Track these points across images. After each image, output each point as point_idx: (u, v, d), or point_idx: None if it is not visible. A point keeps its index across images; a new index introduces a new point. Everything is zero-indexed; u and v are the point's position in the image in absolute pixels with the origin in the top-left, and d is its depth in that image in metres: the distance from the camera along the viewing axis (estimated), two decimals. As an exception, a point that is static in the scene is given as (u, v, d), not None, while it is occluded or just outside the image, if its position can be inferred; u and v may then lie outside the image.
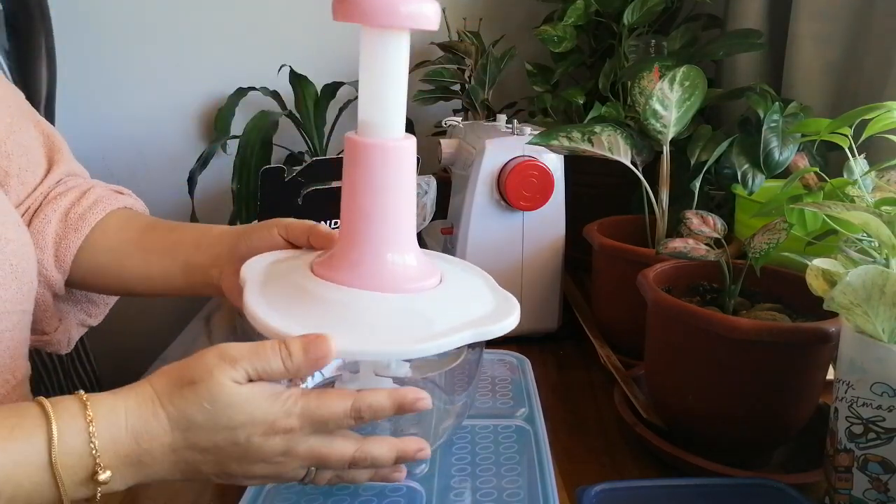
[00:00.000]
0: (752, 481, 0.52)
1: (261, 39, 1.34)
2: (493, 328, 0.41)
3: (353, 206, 0.43)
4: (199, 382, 0.39)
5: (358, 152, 0.42)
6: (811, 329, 0.53)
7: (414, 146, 0.44)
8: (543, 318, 0.84)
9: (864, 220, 0.44)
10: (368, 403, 0.40)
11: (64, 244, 0.59)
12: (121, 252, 0.61)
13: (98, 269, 0.61)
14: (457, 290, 0.46)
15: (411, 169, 0.43)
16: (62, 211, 0.60)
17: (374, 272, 0.42)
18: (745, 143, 0.75)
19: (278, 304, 0.42)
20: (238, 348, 0.40)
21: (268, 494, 0.46)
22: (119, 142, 1.37)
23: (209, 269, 0.58)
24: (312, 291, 0.42)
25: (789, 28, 0.93)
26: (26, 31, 1.10)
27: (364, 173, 0.42)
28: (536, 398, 0.56)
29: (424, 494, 0.45)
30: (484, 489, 0.45)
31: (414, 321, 0.41)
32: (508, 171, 0.77)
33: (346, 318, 0.41)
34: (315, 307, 0.42)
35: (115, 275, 0.61)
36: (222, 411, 0.39)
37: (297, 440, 0.40)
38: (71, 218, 0.60)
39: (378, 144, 0.41)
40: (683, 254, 0.61)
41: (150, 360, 0.82)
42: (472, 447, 0.50)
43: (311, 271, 0.45)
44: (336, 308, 0.41)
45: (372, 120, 0.42)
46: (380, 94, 0.41)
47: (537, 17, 1.22)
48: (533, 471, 0.47)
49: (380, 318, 0.41)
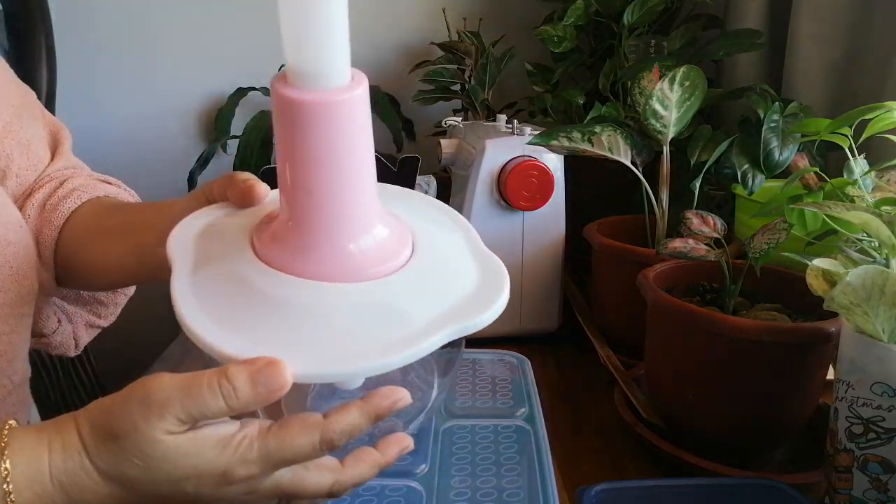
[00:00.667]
0: (752, 481, 0.52)
1: (261, 39, 1.33)
2: (479, 318, 0.34)
3: (292, 180, 0.33)
4: (124, 437, 0.33)
5: (292, 112, 0.31)
6: (811, 329, 0.53)
7: (366, 93, 0.33)
8: (543, 318, 0.84)
9: (864, 220, 0.44)
10: (339, 430, 0.34)
11: (41, 239, 0.56)
12: (84, 240, 0.56)
13: (73, 261, 0.56)
14: (433, 264, 0.37)
15: (365, 125, 0.33)
16: (38, 204, 0.57)
17: (330, 258, 0.34)
18: (745, 143, 0.75)
19: (217, 304, 0.34)
20: (166, 390, 0.33)
21: None
22: (119, 142, 1.37)
23: (160, 249, 0.46)
24: (258, 287, 0.34)
25: (789, 28, 0.93)
26: (26, 31, 1.10)
27: (302, 140, 0.32)
28: (536, 398, 0.56)
29: (424, 494, 0.45)
30: (484, 489, 0.45)
31: (385, 319, 0.34)
32: (508, 171, 0.77)
33: (302, 324, 0.33)
34: (263, 309, 0.34)
35: (84, 264, 0.56)
36: (158, 466, 0.33)
37: (261, 482, 0.35)
38: (46, 210, 0.56)
39: (317, 101, 0.31)
40: (683, 254, 0.61)
41: (151, 359, 0.82)
42: (472, 447, 0.50)
43: (252, 250, 0.36)
44: (290, 311, 0.34)
45: (305, 68, 0.31)
46: (313, 28, 0.30)
47: (537, 17, 1.22)
48: (533, 471, 0.47)
49: (344, 321, 0.33)
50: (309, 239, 0.34)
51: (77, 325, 0.63)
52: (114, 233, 0.54)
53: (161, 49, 1.34)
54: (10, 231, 0.50)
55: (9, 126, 0.56)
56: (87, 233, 0.56)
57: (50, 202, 0.57)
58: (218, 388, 0.33)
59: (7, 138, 0.56)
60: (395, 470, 0.47)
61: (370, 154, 0.34)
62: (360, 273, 0.35)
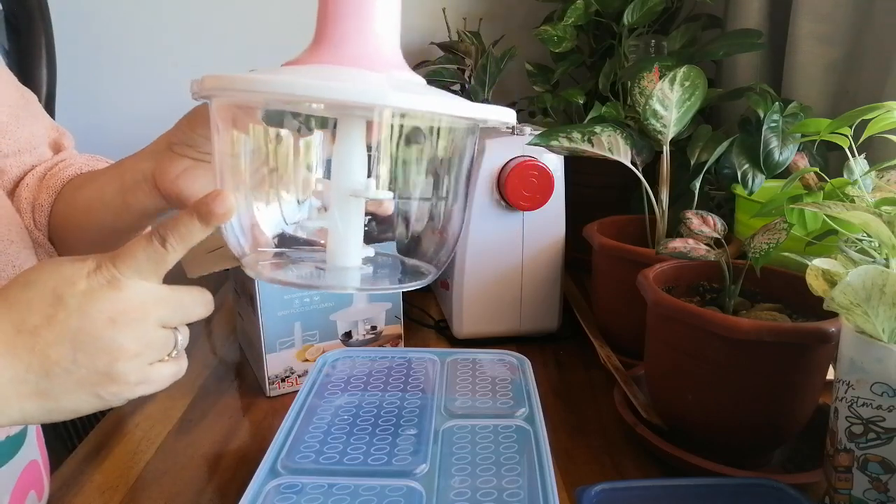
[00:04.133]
0: (752, 481, 0.52)
1: (260, 39, 1.34)
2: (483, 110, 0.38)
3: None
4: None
5: None
6: (811, 329, 0.53)
7: None
8: (543, 318, 0.84)
9: (864, 220, 0.44)
10: (164, 224, 0.39)
11: (38, 204, 0.59)
12: (76, 193, 0.59)
13: (67, 221, 0.60)
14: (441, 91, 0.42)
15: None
16: (38, 175, 0.61)
17: (356, 50, 0.39)
18: (745, 143, 0.75)
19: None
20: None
21: (267, 495, 0.46)
22: (119, 142, 1.36)
23: (140, 164, 0.54)
24: (295, 71, 0.39)
25: (789, 28, 0.93)
26: (26, 31, 1.10)
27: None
28: (537, 398, 0.56)
29: (424, 494, 0.45)
30: (484, 489, 0.45)
31: (411, 86, 0.38)
32: (508, 171, 0.77)
33: (331, 75, 0.37)
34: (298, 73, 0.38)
35: (70, 218, 0.59)
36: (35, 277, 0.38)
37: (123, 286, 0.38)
38: (46, 180, 0.60)
39: None
40: (683, 254, 0.61)
41: (150, 360, 0.82)
42: (472, 447, 0.50)
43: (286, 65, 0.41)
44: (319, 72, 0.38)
45: None
46: None
47: (537, 17, 1.22)
48: (533, 471, 0.47)
49: (366, 77, 0.38)
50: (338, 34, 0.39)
51: None
52: (102, 175, 0.57)
53: (161, 49, 1.34)
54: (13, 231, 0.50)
55: (6, 126, 0.57)
56: (81, 184, 0.58)
57: (50, 173, 0.60)
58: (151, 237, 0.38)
59: (4, 139, 0.56)
60: (396, 470, 0.47)
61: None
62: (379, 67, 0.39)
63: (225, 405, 0.71)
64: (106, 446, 0.63)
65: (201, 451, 0.62)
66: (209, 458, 0.61)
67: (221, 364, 0.81)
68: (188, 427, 0.66)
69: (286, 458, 0.49)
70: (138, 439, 0.64)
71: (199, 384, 0.75)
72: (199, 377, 0.77)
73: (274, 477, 0.47)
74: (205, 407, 0.70)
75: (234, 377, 0.77)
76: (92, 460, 0.61)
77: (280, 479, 0.47)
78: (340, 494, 0.45)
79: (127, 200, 0.54)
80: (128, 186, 0.53)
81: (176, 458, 0.61)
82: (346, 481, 0.46)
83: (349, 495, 0.45)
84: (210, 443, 0.64)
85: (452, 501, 0.44)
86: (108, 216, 0.56)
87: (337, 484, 0.46)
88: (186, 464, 0.61)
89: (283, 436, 0.51)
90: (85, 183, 0.58)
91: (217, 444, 0.64)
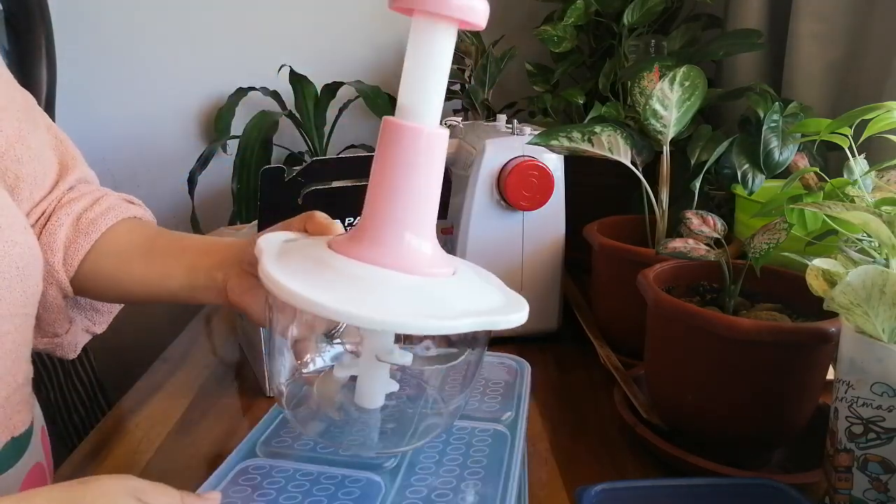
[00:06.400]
0: (752, 481, 0.52)
1: (261, 39, 1.34)
2: (508, 317, 0.43)
3: (382, 185, 0.44)
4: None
5: (396, 133, 0.44)
6: (811, 329, 0.53)
7: (447, 136, 0.46)
8: (543, 318, 0.84)
9: (864, 220, 0.44)
10: None
11: (73, 248, 0.60)
12: (125, 256, 0.61)
13: (101, 273, 0.61)
14: (470, 283, 0.47)
15: (442, 158, 0.45)
16: (74, 216, 0.61)
17: (394, 252, 0.43)
18: (745, 143, 0.75)
19: (296, 273, 0.42)
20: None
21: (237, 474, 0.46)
22: (119, 142, 1.37)
23: (214, 272, 0.58)
24: (331, 264, 0.43)
25: (789, 28, 0.93)
26: (26, 31, 1.10)
27: (399, 154, 0.44)
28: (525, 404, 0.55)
29: (384, 488, 0.45)
30: (441, 490, 0.45)
31: (429, 302, 0.42)
32: (508, 171, 0.77)
33: (362, 288, 0.42)
34: (333, 277, 0.42)
35: (115, 278, 0.61)
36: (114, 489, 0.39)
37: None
38: (82, 222, 0.61)
39: (416, 128, 0.44)
40: (683, 254, 0.61)
41: (150, 359, 0.82)
42: (443, 447, 0.50)
43: (327, 247, 0.45)
44: (353, 280, 0.42)
45: (412, 105, 0.44)
46: (423, 81, 0.44)
47: (537, 17, 1.23)
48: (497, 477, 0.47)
49: (395, 294, 0.42)
50: (382, 233, 0.43)
51: (76, 329, 0.64)
52: (162, 253, 0.61)
53: (161, 49, 1.34)
54: (17, 232, 0.50)
55: (20, 131, 0.57)
56: (132, 248, 0.61)
57: (86, 216, 0.61)
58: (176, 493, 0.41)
59: (18, 143, 0.57)
60: (364, 462, 0.48)
61: (439, 186, 0.45)
62: (415, 269, 0.43)
63: (225, 405, 0.71)
64: (106, 446, 0.63)
65: (201, 452, 0.62)
66: (209, 459, 0.61)
67: (221, 364, 0.81)
68: (188, 427, 0.66)
69: (264, 441, 0.50)
70: (138, 439, 0.64)
71: (199, 384, 0.75)
72: (199, 377, 0.77)
73: (249, 457, 0.48)
74: (205, 407, 0.70)
75: (234, 377, 0.77)
76: (92, 460, 0.61)
77: (253, 460, 0.48)
78: (301, 480, 0.46)
79: (195, 296, 0.59)
80: (199, 286, 0.58)
81: (176, 458, 0.61)
82: (312, 468, 0.47)
83: (310, 482, 0.45)
84: (210, 443, 0.64)
85: (406, 499, 0.44)
86: (161, 295, 0.60)
87: (301, 470, 0.46)
88: (186, 464, 0.61)
89: (269, 419, 0.52)
90: (140, 255, 0.61)
91: (217, 444, 0.64)
